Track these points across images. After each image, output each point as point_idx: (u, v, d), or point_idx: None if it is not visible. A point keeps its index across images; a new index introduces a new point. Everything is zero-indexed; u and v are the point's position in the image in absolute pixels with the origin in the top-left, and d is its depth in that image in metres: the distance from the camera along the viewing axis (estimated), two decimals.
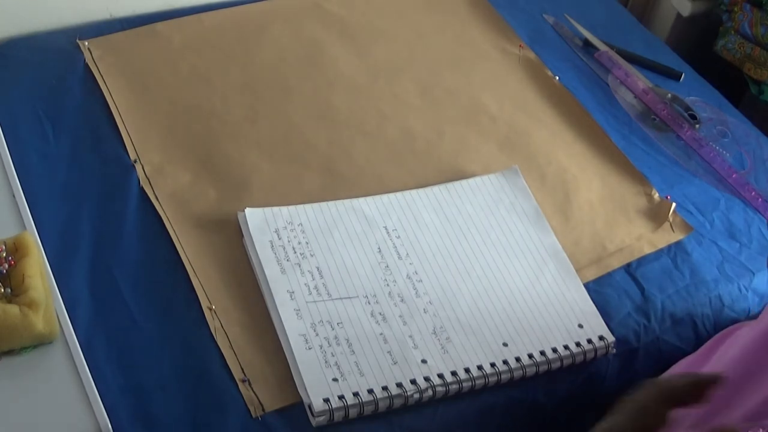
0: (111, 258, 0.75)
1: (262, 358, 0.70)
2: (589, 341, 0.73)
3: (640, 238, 0.86)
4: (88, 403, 0.63)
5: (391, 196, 0.82)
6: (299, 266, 0.74)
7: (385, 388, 0.66)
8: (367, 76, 0.98)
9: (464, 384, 0.68)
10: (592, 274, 0.81)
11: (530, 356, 0.71)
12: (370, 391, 0.66)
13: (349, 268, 0.75)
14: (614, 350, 0.74)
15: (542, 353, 0.71)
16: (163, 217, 0.78)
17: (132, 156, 0.84)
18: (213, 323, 0.71)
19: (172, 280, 0.74)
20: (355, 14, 1.06)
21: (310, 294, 0.72)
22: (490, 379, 0.69)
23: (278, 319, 0.70)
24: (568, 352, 0.72)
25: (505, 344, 0.71)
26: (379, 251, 0.76)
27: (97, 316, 0.70)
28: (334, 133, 0.90)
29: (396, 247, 0.77)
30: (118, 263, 0.74)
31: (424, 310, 0.73)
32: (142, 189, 0.81)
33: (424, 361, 0.69)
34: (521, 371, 0.70)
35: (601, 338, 0.74)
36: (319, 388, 0.65)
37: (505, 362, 0.70)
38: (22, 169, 0.79)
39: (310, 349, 0.68)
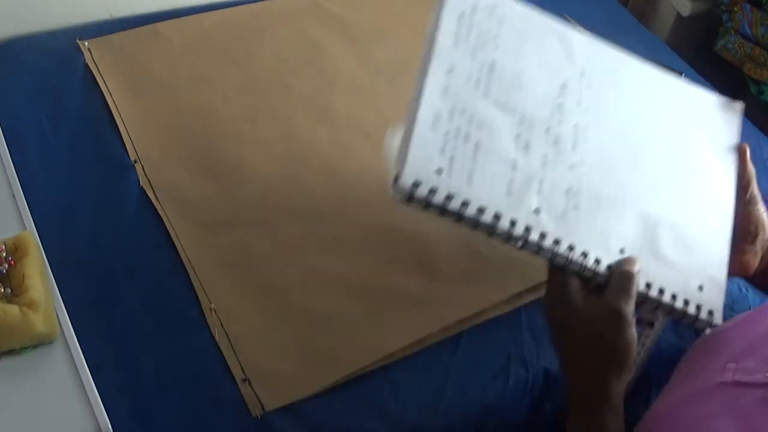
0: (111, 258, 0.75)
1: (262, 358, 0.70)
2: (698, 308, 0.63)
3: None
4: (88, 403, 0.63)
5: (609, 48, 0.72)
6: (475, 52, 0.65)
7: (481, 210, 0.58)
8: (367, 76, 0.98)
9: (557, 259, 0.59)
10: None
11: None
12: (465, 204, 0.58)
13: (523, 83, 0.65)
14: (710, 330, 0.65)
15: (648, 285, 0.61)
16: (163, 217, 0.78)
17: (132, 156, 0.84)
18: (213, 323, 0.71)
19: (172, 280, 0.74)
20: (355, 14, 1.06)
21: (469, 82, 0.63)
22: (583, 274, 0.59)
23: (421, 87, 0.62)
24: (672, 303, 0.62)
25: (622, 251, 0.62)
26: (563, 87, 0.67)
27: (97, 316, 0.70)
28: (334, 133, 0.90)
29: (581, 93, 0.67)
30: (118, 263, 0.74)
31: (571, 166, 0.64)
32: (142, 189, 0.81)
33: (537, 212, 0.60)
34: None
35: (710, 312, 0.63)
36: (418, 170, 0.58)
37: (609, 267, 0.60)
38: (22, 169, 0.79)
39: (434, 130, 0.60)
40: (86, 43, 0.95)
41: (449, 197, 0.57)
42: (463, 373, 0.72)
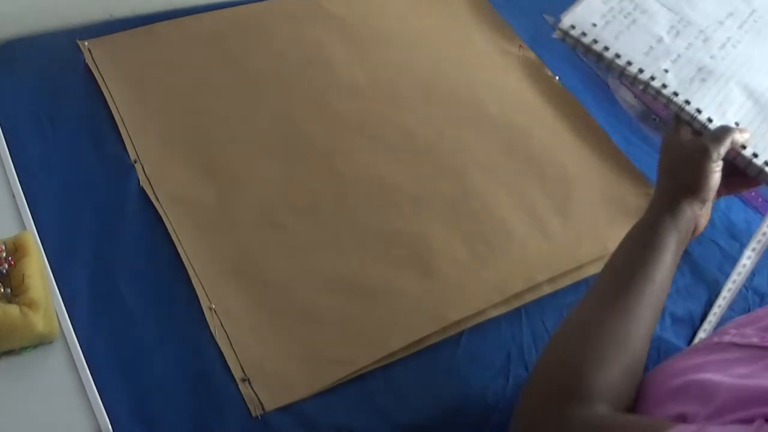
0: (111, 258, 0.75)
1: (262, 358, 0.70)
2: None
3: None
4: (88, 403, 0.63)
5: None
6: None
7: (617, 56, 0.71)
8: (367, 76, 0.98)
9: (671, 105, 0.70)
10: (593, 271, 0.82)
11: None
12: (606, 48, 0.71)
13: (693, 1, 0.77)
14: None
15: (755, 155, 0.68)
16: (163, 217, 0.78)
17: (132, 156, 0.84)
18: (213, 323, 0.71)
19: (172, 280, 0.74)
20: (355, 15, 1.06)
21: None
22: (693, 124, 0.69)
23: None
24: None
25: (737, 123, 0.70)
26: (730, 15, 0.78)
27: (97, 316, 0.70)
28: (334, 133, 0.90)
29: (744, 24, 0.78)
30: (118, 263, 0.74)
31: (712, 56, 0.73)
32: (142, 189, 0.81)
33: (666, 71, 0.71)
34: None
35: None
36: (577, 19, 0.73)
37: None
38: (22, 169, 0.79)
39: (603, 2, 0.74)
40: (86, 43, 0.95)
41: (595, 41, 0.71)
42: (463, 373, 0.72)
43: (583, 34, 0.72)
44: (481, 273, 0.80)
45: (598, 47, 0.71)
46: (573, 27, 0.72)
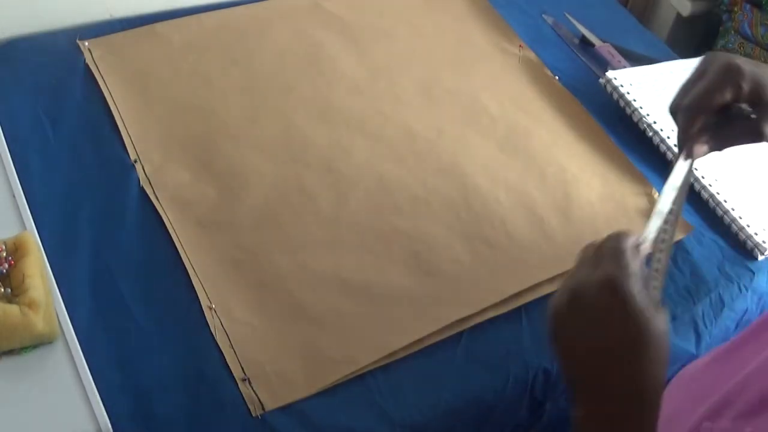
0: (111, 258, 0.75)
1: (262, 358, 0.70)
2: None
3: None
4: (88, 403, 0.63)
5: None
6: None
7: None
8: (367, 76, 0.98)
9: None
10: None
11: None
12: None
13: None
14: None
15: None
16: (163, 217, 0.78)
17: (132, 156, 0.84)
18: (213, 322, 0.71)
19: (172, 280, 0.74)
20: (355, 14, 1.06)
21: None
22: None
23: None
24: None
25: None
26: None
27: (97, 316, 0.70)
28: (334, 133, 0.90)
29: None
30: (118, 263, 0.74)
31: None
32: (142, 189, 0.81)
33: None
34: None
35: None
36: None
37: None
38: (22, 169, 0.79)
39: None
40: (86, 43, 0.95)
41: None
42: (463, 373, 0.72)
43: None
44: (481, 273, 0.80)
45: None
46: None
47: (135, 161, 0.83)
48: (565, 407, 0.73)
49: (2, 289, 0.65)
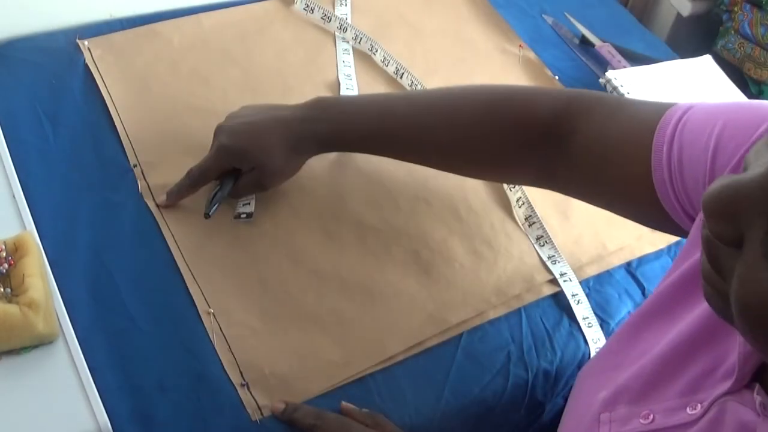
0: (110, 258, 0.75)
1: (261, 362, 0.69)
2: None
3: (640, 238, 0.86)
4: (88, 403, 0.63)
5: None
6: None
7: None
8: (368, 75, 0.98)
9: None
10: (592, 271, 0.82)
11: None
12: None
13: None
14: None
15: None
16: (159, 221, 0.78)
17: (131, 156, 0.84)
18: (211, 327, 0.71)
19: (172, 281, 0.74)
20: (354, 14, 1.06)
21: None
22: None
23: None
24: None
25: None
26: None
27: (97, 316, 0.70)
28: None
29: None
30: (118, 263, 0.74)
31: None
32: (141, 189, 0.81)
33: None
34: None
35: None
36: None
37: None
38: (22, 169, 0.79)
39: None
40: (86, 43, 0.94)
41: None
42: (463, 373, 0.72)
43: None
44: (481, 274, 0.80)
45: None
46: None
47: (134, 164, 0.83)
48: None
49: (2, 289, 0.64)
